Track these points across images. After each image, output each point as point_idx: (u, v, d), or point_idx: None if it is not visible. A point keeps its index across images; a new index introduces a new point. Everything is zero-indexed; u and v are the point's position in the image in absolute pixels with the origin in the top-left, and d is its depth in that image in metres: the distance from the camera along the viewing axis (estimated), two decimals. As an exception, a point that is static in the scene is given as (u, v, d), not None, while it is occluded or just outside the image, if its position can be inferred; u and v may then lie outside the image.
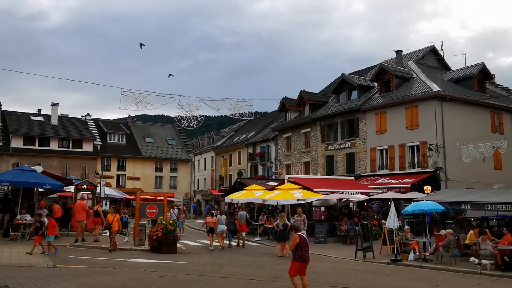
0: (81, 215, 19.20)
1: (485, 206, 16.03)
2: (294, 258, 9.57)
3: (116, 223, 17.10)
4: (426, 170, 26.89)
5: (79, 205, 19.59)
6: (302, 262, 9.50)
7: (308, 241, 9.74)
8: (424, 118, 27.67)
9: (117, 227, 17.19)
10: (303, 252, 9.47)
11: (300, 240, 9.50)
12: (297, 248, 9.51)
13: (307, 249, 9.59)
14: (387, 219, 16.81)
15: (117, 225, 17.12)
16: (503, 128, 29.76)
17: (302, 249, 9.48)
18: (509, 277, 13.06)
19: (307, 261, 9.60)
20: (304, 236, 9.75)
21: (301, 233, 9.82)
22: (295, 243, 9.53)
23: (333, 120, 34.37)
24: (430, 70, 33.05)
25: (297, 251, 9.51)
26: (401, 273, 13.83)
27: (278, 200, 22.56)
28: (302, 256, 9.47)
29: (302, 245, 9.49)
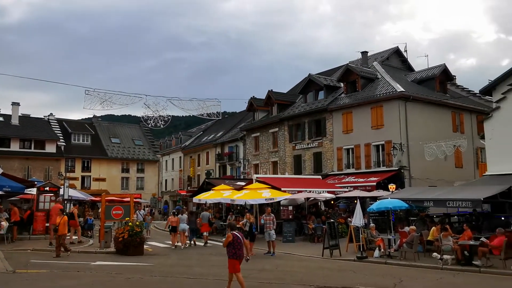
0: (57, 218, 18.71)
1: (446, 203, 16.56)
2: (229, 256, 9.92)
3: (63, 226, 15.68)
4: (390, 168, 27.51)
5: (56, 208, 19.07)
6: (236, 259, 9.86)
7: (241, 240, 10.06)
8: (388, 118, 28.30)
9: (65, 231, 15.87)
10: (236, 249, 9.84)
11: (233, 238, 9.87)
12: (229, 245, 9.87)
13: (240, 247, 9.92)
14: (353, 217, 17.09)
15: (64, 229, 15.74)
16: (464, 128, 30.78)
17: (235, 246, 9.85)
18: (468, 271, 13.52)
19: (240, 258, 9.93)
20: (238, 234, 10.08)
21: (236, 232, 10.16)
22: (227, 241, 9.90)
23: (301, 120, 34.68)
24: (394, 71, 33.84)
25: (230, 249, 9.88)
26: (366, 269, 14.08)
27: (246, 200, 22.58)
28: (236, 254, 9.83)
29: (235, 243, 9.85)
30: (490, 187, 16.91)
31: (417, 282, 12.02)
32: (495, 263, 13.88)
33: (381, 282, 11.91)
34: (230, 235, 9.97)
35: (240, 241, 9.94)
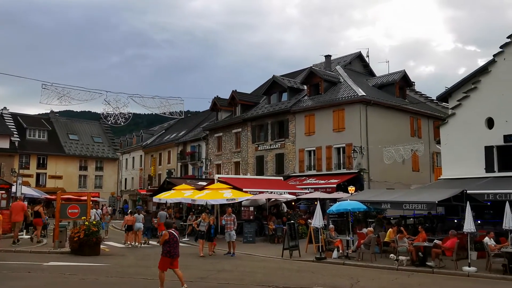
0: (19, 216, 18.04)
1: (403, 206, 16.99)
2: (163, 253, 10.09)
3: None
4: (351, 171, 28.02)
5: (17, 205, 18.34)
6: (171, 257, 10.03)
7: (178, 238, 10.28)
8: (350, 121, 28.81)
9: None
10: (171, 248, 10.03)
11: (169, 236, 10.06)
12: (165, 243, 10.04)
13: (176, 246, 10.13)
14: (313, 218, 17.26)
15: None
16: (421, 133, 31.75)
17: (171, 245, 10.03)
18: (422, 271, 13.94)
19: (176, 256, 10.15)
20: (174, 233, 10.24)
21: (172, 230, 10.31)
22: (164, 239, 10.09)
23: (264, 121, 34.80)
24: (357, 75, 34.52)
25: (165, 247, 10.05)
26: (325, 270, 14.26)
27: (207, 200, 22.42)
28: (170, 252, 10.02)
29: (171, 242, 10.05)
30: (444, 191, 17.47)
31: (373, 283, 12.25)
32: (448, 264, 14.38)
33: (338, 282, 12.08)
34: (166, 233, 10.13)
35: (176, 240, 10.15)
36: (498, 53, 20.84)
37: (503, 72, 20.47)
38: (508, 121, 20.00)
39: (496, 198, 17.35)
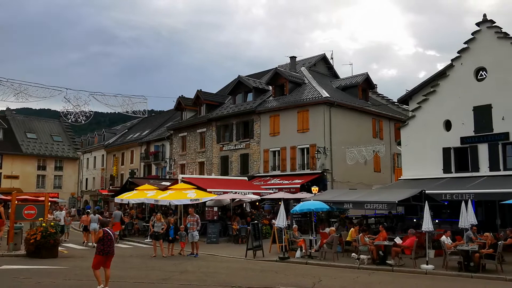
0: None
1: (364, 205, 17.34)
2: (96, 251, 10.10)
3: None
4: (314, 171, 28.34)
5: None
6: (104, 255, 10.01)
7: (112, 237, 10.25)
8: (314, 122, 29.14)
9: None
10: (105, 246, 10.00)
11: (104, 234, 10.05)
12: (99, 241, 10.06)
13: (110, 244, 10.09)
14: (277, 218, 17.32)
15: None
16: (383, 134, 32.49)
17: (104, 243, 10.00)
18: (382, 270, 14.22)
19: (110, 254, 10.12)
20: (109, 231, 10.24)
21: (107, 229, 10.32)
22: (98, 237, 10.17)
23: (229, 121, 34.70)
24: (321, 77, 34.95)
25: (99, 245, 10.06)
26: (288, 270, 14.32)
27: (171, 200, 22.13)
28: (104, 250, 10.00)
29: (105, 240, 10.03)
30: (404, 191, 17.93)
31: (335, 281, 12.39)
32: (407, 262, 14.72)
33: (301, 281, 12.14)
34: (101, 231, 10.17)
35: (110, 238, 10.11)
36: (455, 58, 21.59)
37: (460, 76, 21.22)
38: (465, 123, 20.76)
39: (453, 198, 17.95)
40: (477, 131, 20.39)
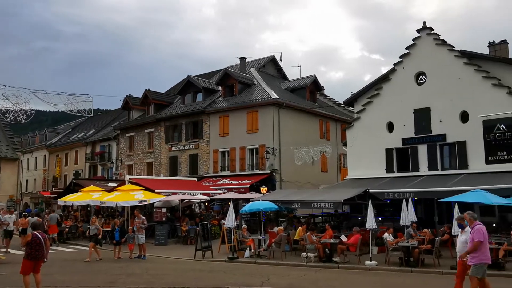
0: None
1: (311, 205, 17.76)
2: (24, 256, 9.80)
3: None
4: (263, 171, 28.63)
5: None
6: (32, 260, 9.70)
7: (42, 240, 9.86)
8: (263, 123, 29.44)
9: None
10: (33, 250, 9.69)
11: (32, 238, 9.76)
12: (27, 245, 9.75)
13: (39, 248, 9.76)
14: (226, 218, 17.38)
15: None
16: (329, 135, 33.34)
17: (33, 247, 9.70)
18: (329, 267, 14.64)
19: (39, 259, 9.79)
20: (38, 235, 9.89)
21: (37, 232, 9.99)
22: (26, 240, 9.84)
23: (178, 121, 34.34)
24: (270, 78, 35.36)
25: (27, 249, 9.76)
26: (237, 269, 14.42)
27: (117, 202, 21.61)
28: (32, 254, 9.70)
29: (33, 244, 9.71)
30: (349, 190, 18.52)
31: (283, 279, 12.62)
32: (352, 259, 15.25)
33: (250, 281, 12.27)
34: (29, 234, 9.88)
35: (39, 242, 9.74)
36: (397, 63, 22.57)
37: (402, 80, 22.21)
38: (406, 125, 21.74)
39: (394, 196, 18.74)
40: (417, 132, 21.41)
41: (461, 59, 20.49)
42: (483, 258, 8.57)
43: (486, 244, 8.70)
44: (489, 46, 24.21)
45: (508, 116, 18.75)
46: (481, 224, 8.82)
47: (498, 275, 12.97)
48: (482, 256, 8.56)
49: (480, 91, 19.67)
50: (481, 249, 8.53)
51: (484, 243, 8.60)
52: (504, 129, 18.83)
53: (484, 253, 8.58)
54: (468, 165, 19.82)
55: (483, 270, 8.57)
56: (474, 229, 8.68)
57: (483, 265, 8.56)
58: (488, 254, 8.73)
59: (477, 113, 19.55)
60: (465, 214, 9.16)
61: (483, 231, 8.63)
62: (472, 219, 8.88)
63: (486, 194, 15.30)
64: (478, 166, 19.41)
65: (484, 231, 8.66)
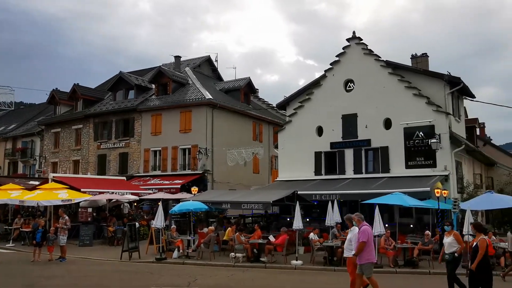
0: None
1: (241, 205, 17.96)
2: None
3: None
4: (195, 172, 28.48)
5: None
6: None
7: None
8: (196, 123, 29.29)
9: None
10: None
11: None
12: None
13: None
14: (155, 219, 17.11)
15: None
16: (262, 137, 33.85)
17: None
18: (256, 267, 14.87)
19: None
20: None
21: None
22: None
23: (108, 118, 33.23)
24: (205, 78, 35.26)
25: None
26: (164, 270, 14.24)
27: (39, 201, 20.48)
28: None
29: None
30: (279, 192, 18.96)
31: (210, 280, 12.66)
32: (279, 259, 15.61)
33: (176, 281, 12.19)
34: None
35: None
36: (328, 69, 23.43)
37: (332, 86, 23.09)
38: (334, 130, 22.61)
39: (322, 198, 19.46)
40: (344, 137, 22.35)
41: (386, 69, 21.69)
42: (369, 258, 8.96)
43: (371, 244, 9.08)
44: (412, 58, 25.87)
45: (426, 124, 20.14)
46: (367, 225, 9.20)
47: (412, 273, 13.94)
48: (368, 255, 8.94)
49: (402, 100, 20.94)
50: (366, 249, 8.89)
51: (369, 243, 8.97)
52: (422, 136, 20.18)
53: (370, 252, 8.97)
54: (390, 169, 21.00)
55: (371, 269, 8.98)
56: (361, 230, 9.04)
57: (370, 264, 8.97)
58: (374, 253, 9.15)
59: (399, 121, 20.81)
60: (354, 215, 9.54)
61: (369, 232, 9.01)
62: (360, 220, 9.25)
63: (404, 197, 16.36)
64: (399, 170, 20.64)
65: (370, 232, 9.06)
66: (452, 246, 9.66)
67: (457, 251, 9.61)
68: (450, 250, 9.68)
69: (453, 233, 9.83)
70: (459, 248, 9.63)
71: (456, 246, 9.63)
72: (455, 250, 9.62)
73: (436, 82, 21.15)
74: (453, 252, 9.62)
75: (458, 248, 9.62)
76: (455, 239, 9.69)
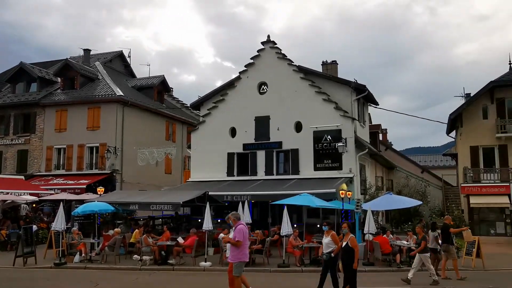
0: None
1: (150, 206, 17.40)
2: None
3: None
4: (103, 171, 27.18)
5: None
6: None
7: None
8: (105, 121, 27.96)
9: None
10: None
11: None
12: None
13: None
14: (55, 221, 15.96)
15: None
16: (175, 137, 33.21)
17: None
18: (164, 269, 14.46)
19: None
20: None
21: None
22: None
23: (6, 112, 30.54)
24: (116, 74, 33.81)
25: None
26: (63, 276, 13.33)
27: None
28: None
29: None
30: (190, 192, 18.67)
31: (113, 284, 12.08)
32: (187, 261, 15.33)
33: (76, 287, 11.44)
34: None
35: None
36: (243, 71, 23.59)
37: (246, 88, 23.27)
38: (247, 131, 22.80)
39: (233, 199, 19.47)
40: (257, 139, 22.62)
41: (298, 73, 22.33)
42: (241, 257, 8.91)
43: (245, 244, 9.01)
44: (322, 65, 26.95)
45: (334, 129, 21.04)
46: (243, 224, 9.18)
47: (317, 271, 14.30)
48: (241, 254, 8.90)
49: (312, 104, 21.68)
50: (240, 247, 8.85)
51: (244, 242, 8.90)
52: (330, 140, 21.04)
53: (242, 251, 8.91)
54: (299, 171, 21.62)
55: (241, 268, 8.95)
56: (236, 229, 9.03)
57: (241, 263, 8.94)
58: (247, 253, 9.11)
59: (309, 124, 21.52)
60: (230, 215, 9.50)
61: (244, 230, 8.96)
62: (235, 219, 9.21)
63: (312, 197, 16.92)
64: (308, 172, 21.33)
65: (245, 231, 9.00)
66: (329, 246, 9.75)
67: (333, 251, 9.75)
68: (327, 250, 9.80)
69: (331, 233, 9.92)
70: (336, 248, 9.75)
71: (332, 246, 9.77)
72: (331, 250, 9.74)
73: (344, 88, 22.20)
74: (329, 252, 9.75)
75: (335, 248, 9.78)
76: (332, 239, 9.81)
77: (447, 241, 12.90)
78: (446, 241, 12.89)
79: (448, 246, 12.84)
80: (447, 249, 12.82)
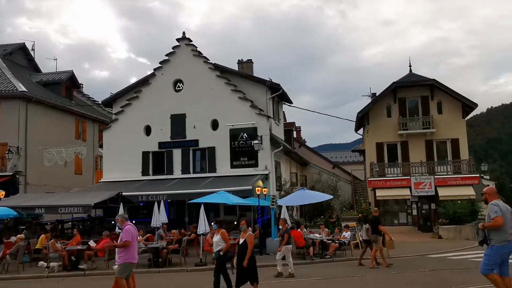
0: None
1: (59, 209, 16.44)
2: None
3: None
4: (4, 173, 25.05)
5: None
6: None
7: None
8: (6, 118, 25.78)
9: None
10: None
11: None
12: None
13: None
14: None
15: None
16: (86, 136, 31.56)
17: None
18: (74, 275, 13.74)
19: None
20: None
21: None
22: None
23: None
24: (18, 68, 31.32)
25: None
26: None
27: None
28: None
29: None
30: (102, 193, 17.90)
31: (17, 295, 11.22)
32: (100, 265, 14.67)
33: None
34: None
35: None
36: (157, 68, 23.08)
37: (161, 86, 22.80)
38: (163, 129, 22.36)
39: (148, 199, 19.03)
40: (173, 137, 22.28)
41: (214, 71, 22.33)
42: (129, 258, 8.58)
43: (133, 244, 8.71)
44: (238, 63, 27.18)
45: (250, 127, 21.33)
46: (131, 225, 8.88)
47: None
48: (128, 255, 8.57)
49: (228, 102, 21.80)
50: (127, 248, 8.55)
51: (132, 243, 8.61)
52: (246, 138, 21.30)
53: (130, 252, 8.61)
54: (216, 169, 21.65)
55: (129, 270, 8.61)
56: (124, 229, 8.73)
57: (128, 264, 8.58)
58: (135, 254, 8.79)
59: (225, 122, 21.62)
60: (117, 216, 9.30)
61: (131, 231, 8.70)
62: (123, 220, 8.97)
63: (229, 195, 17.01)
64: (225, 170, 21.43)
65: (133, 231, 8.73)
66: (219, 244, 9.80)
67: (222, 250, 9.74)
68: (217, 248, 9.83)
69: (220, 231, 9.97)
70: (225, 247, 9.87)
71: (222, 244, 9.79)
72: (221, 248, 9.77)
73: (259, 87, 22.62)
74: (219, 250, 9.77)
75: (224, 246, 9.79)
76: (221, 237, 9.86)
77: (376, 232, 13.64)
78: (375, 232, 13.63)
79: (377, 236, 13.59)
80: (376, 239, 13.55)
